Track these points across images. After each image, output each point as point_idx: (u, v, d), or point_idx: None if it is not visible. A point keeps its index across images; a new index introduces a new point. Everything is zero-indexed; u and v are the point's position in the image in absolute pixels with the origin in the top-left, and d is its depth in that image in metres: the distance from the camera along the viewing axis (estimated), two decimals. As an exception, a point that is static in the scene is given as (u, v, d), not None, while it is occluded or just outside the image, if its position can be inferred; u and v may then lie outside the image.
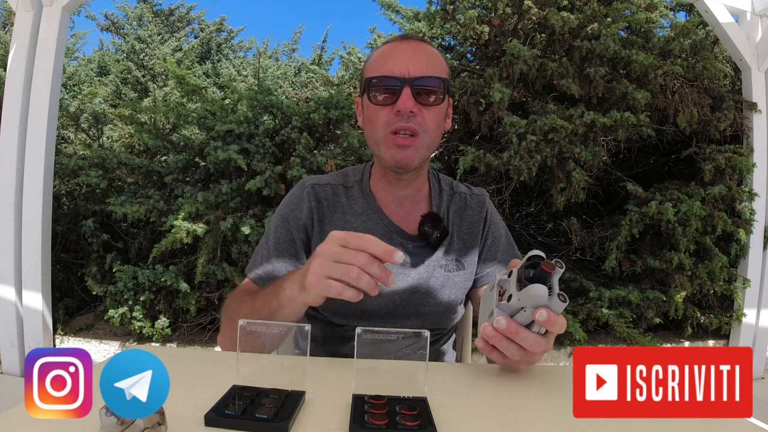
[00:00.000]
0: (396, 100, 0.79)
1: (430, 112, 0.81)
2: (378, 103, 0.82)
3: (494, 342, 0.56)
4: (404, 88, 0.79)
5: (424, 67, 0.81)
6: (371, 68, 0.85)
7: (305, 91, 4.07)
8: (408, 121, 0.80)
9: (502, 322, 0.55)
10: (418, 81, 0.80)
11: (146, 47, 4.77)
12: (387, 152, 0.83)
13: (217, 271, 2.51)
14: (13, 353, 2.41)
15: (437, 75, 0.82)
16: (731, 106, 2.80)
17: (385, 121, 0.81)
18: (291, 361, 0.76)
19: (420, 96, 0.80)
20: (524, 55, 2.55)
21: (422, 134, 0.81)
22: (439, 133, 0.86)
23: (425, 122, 0.81)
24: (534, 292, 0.53)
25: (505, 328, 0.55)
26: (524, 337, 0.55)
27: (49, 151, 2.44)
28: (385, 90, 0.81)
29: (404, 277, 0.87)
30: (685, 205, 2.57)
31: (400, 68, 0.80)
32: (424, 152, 0.84)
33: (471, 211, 0.94)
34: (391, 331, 0.56)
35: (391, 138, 0.81)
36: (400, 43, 0.85)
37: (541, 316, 0.53)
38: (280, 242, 0.87)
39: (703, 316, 2.81)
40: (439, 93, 0.82)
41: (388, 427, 0.47)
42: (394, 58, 0.82)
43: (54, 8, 2.43)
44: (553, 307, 0.54)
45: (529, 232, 2.98)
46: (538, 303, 0.54)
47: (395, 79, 0.80)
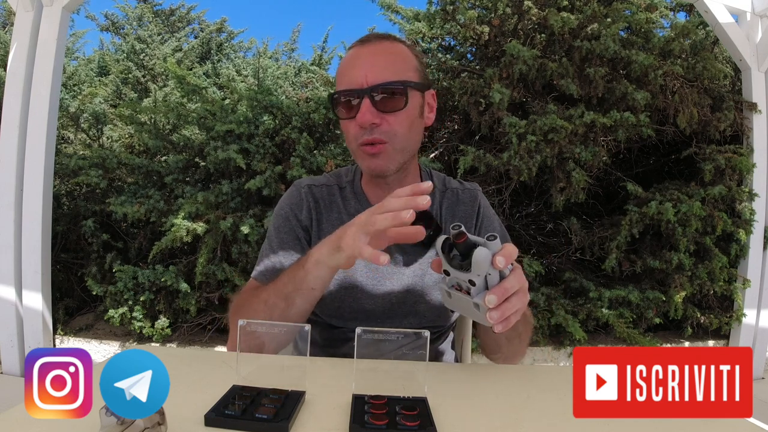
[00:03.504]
0: (357, 113, 0.78)
1: (396, 117, 0.79)
2: (344, 117, 0.81)
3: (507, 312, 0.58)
4: (363, 100, 0.77)
5: (383, 72, 0.78)
6: (337, 80, 0.84)
7: (305, 91, 4.07)
8: (372, 133, 0.78)
9: (492, 298, 0.56)
10: (378, 88, 0.77)
11: (146, 47, 4.76)
12: (362, 163, 0.83)
13: (217, 271, 2.51)
14: (13, 353, 2.41)
15: (397, 78, 0.78)
16: (731, 107, 2.80)
17: (353, 134, 0.80)
18: (291, 361, 0.76)
19: (381, 103, 0.78)
20: (524, 55, 2.55)
21: (390, 141, 0.80)
22: (413, 133, 0.84)
23: (391, 129, 0.79)
24: (479, 258, 0.56)
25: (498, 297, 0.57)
26: (511, 285, 0.58)
27: (49, 151, 2.44)
28: (346, 104, 0.80)
29: (399, 277, 0.87)
30: (685, 206, 2.57)
31: (358, 78, 0.78)
32: (398, 156, 0.82)
33: (463, 206, 0.93)
34: (391, 331, 0.56)
35: (362, 149, 0.81)
36: (359, 49, 0.82)
37: (500, 262, 0.56)
38: (285, 241, 0.87)
39: (703, 316, 2.81)
40: (401, 96, 0.79)
41: (388, 427, 0.47)
42: (352, 66, 0.80)
43: (54, 8, 2.43)
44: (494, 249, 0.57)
45: (529, 233, 2.98)
46: (488, 259, 0.56)
47: (353, 91, 0.78)
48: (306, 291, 0.72)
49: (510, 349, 0.81)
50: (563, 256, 2.86)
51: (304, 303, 0.74)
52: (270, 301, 0.74)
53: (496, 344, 0.80)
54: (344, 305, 0.86)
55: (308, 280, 0.71)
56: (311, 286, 0.72)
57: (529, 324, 0.83)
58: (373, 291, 0.86)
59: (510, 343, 0.80)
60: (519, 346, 0.82)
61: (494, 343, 0.80)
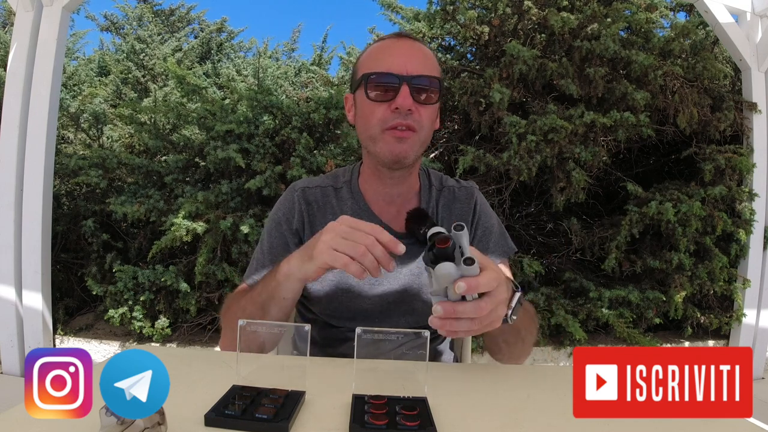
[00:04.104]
0: (393, 97, 0.79)
1: (426, 110, 0.82)
2: (374, 100, 0.81)
3: (447, 328, 0.56)
4: (402, 85, 0.79)
5: (421, 66, 0.81)
6: (367, 64, 0.84)
7: (305, 91, 4.07)
8: (406, 118, 0.80)
9: (438, 309, 0.55)
10: (416, 79, 0.80)
11: (146, 47, 4.76)
12: (384, 147, 0.82)
13: (217, 271, 2.51)
14: (13, 353, 2.41)
15: (433, 74, 0.82)
16: (731, 107, 2.80)
17: (381, 117, 0.81)
18: (291, 361, 0.76)
19: (417, 94, 0.80)
20: (524, 55, 2.55)
21: (419, 131, 0.82)
22: (432, 130, 0.87)
23: (421, 120, 0.81)
24: (441, 273, 0.53)
25: (443, 313, 0.55)
26: (464, 310, 0.55)
27: (49, 151, 2.44)
28: (383, 86, 0.81)
29: (396, 276, 0.87)
30: (685, 206, 2.57)
31: (398, 65, 0.80)
32: (419, 148, 0.84)
33: (460, 204, 0.94)
34: (391, 331, 0.56)
35: (388, 132, 0.81)
36: (396, 41, 0.85)
37: (459, 288, 0.53)
38: (274, 247, 0.89)
39: (703, 316, 2.81)
40: (434, 92, 0.82)
41: (388, 427, 0.47)
42: (391, 54, 0.82)
43: (54, 8, 2.43)
44: (466, 273, 0.54)
45: (529, 233, 2.98)
46: (450, 279, 0.53)
47: (393, 76, 0.79)
48: (278, 300, 0.74)
49: (512, 351, 0.81)
50: (563, 256, 2.86)
51: (278, 312, 0.76)
52: (248, 309, 0.77)
53: (496, 346, 0.80)
54: (341, 305, 0.86)
55: (280, 290, 0.73)
56: (283, 296, 0.74)
57: (533, 326, 0.83)
58: (370, 291, 0.87)
59: (511, 347, 0.80)
60: (522, 348, 0.82)
61: (494, 344, 0.81)
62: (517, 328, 0.73)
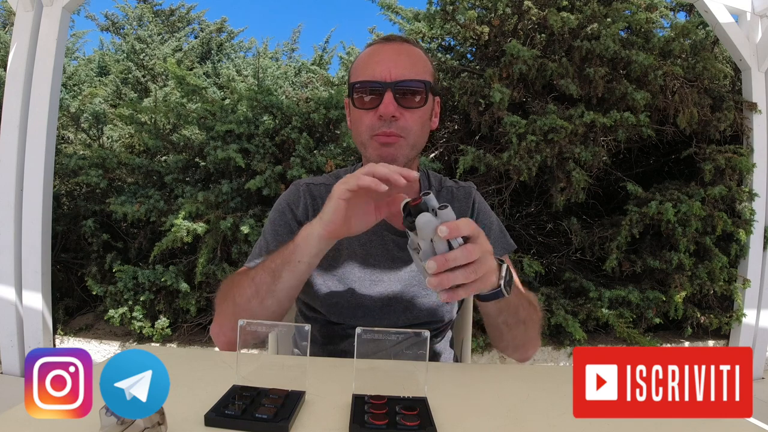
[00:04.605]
0: (378, 104, 0.80)
1: (412, 114, 0.82)
2: (361, 107, 0.83)
3: (446, 282, 0.57)
4: (386, 92, 0.80)
5: (406, 70, 0.81)
6: (355, 72, 0.86)
7: (305, 91, 4.07)
8: (390, 126, 0.81)
9: (431, 264, 0.56)
10: (400, 84, 0.80)
11: (146, 47, 4.76)
12: (372, 153, 0.84)
13: (217, 271, 2.51)
14: (13, 353, 2.41)
15: (419, 77, 0.82)
16: (731, 107, 2.80)
17: (369, 124, 0.82)
18: (291, 361, 0.76)
19: (402, 99, 0.81)
20: (524, 55, 2.55)
21: (406, 137, 0.83)
22: (424, 133, 0.87)
23: (407, 125, 0.82)
24: (422, 222, 0.56)
25: (438, 265, 0.56)
26: (454, 257, 0.56)
27: (49, 151, 2.44)
28: (368, 94, 0.82)
29: (396, 272, 0.88)
30: (685, 206, 2.57)
31: (381, 71, 0.81)
32: (408, 151, 0.85)
33: (458, 203, 0.95)
34: (391, 331, 0.56)
35: (375, 139, 0.83)
36: (383, 45, 0.86)
37: (441, 231, 0.55)
38: (278, 233, 0.89)
39: (703, 316, 2.81)
40: (421, 95, 0.82)
41: (388, 427, 0.47)
42: (375, 61, 0.83)
43: (54, 8, 2.43)
44: (445, 218, 0.56)
45: (529, 233, 2.98)
46: (431, 226, 0.56)
47: (377, 83, 0.81)
48: (293, 264, 0.73)
49: (514, 336, 0.80)
50: (563, 256, 2.86)
51: (290, 278, 0.74)
52: (257, 278, 0.75)
53: (497, 330, 0.79)
54: (342, 301, 0.87)
55: (296, 252, 0.72)
56: (298, 259, 0.73)
57: (534, 310, 0.81)
58: (370, 287, 0.87)
59: (512, 330, 0.78)
60: (525, 334, 0.80)
61: (495, 329, 0.80)
62: (515, 306, 0.74)
